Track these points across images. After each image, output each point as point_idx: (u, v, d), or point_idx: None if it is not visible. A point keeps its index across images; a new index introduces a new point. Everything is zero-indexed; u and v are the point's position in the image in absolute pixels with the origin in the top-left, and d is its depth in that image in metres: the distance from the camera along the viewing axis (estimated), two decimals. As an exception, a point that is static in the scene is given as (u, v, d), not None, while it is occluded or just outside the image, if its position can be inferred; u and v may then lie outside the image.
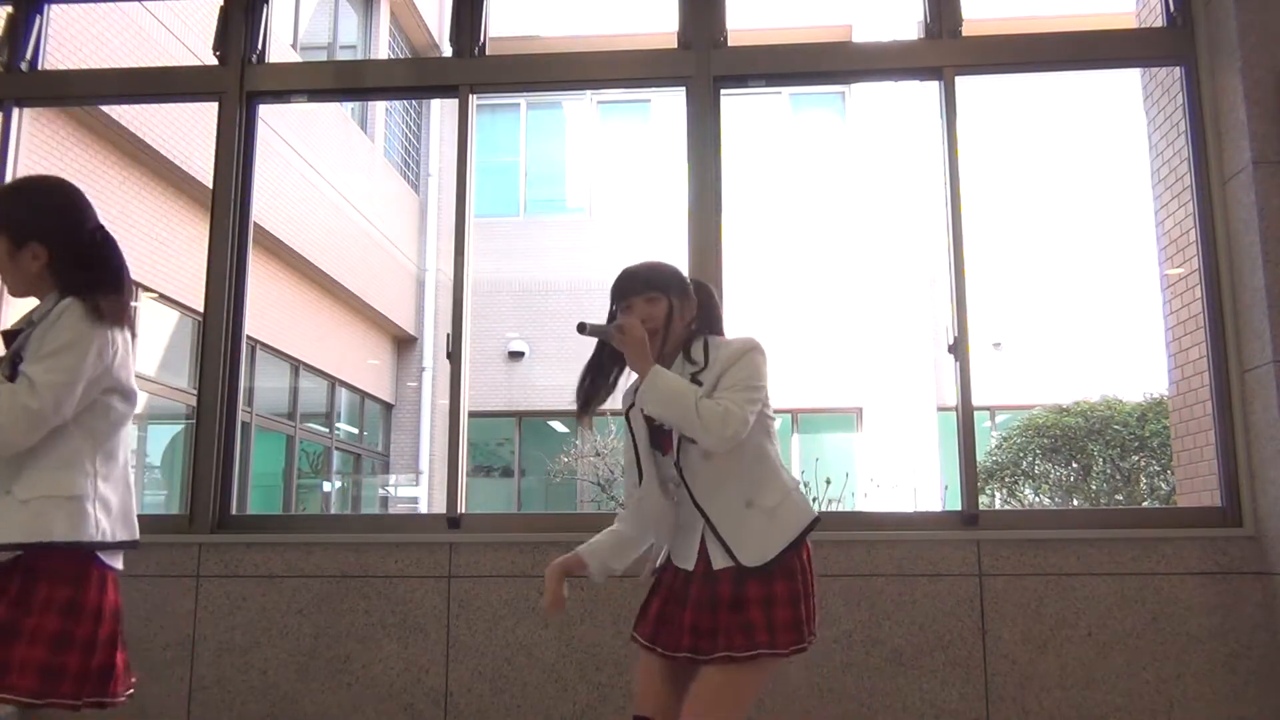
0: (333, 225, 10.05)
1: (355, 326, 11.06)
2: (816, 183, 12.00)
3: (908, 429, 11.05)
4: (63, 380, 1.87)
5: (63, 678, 1.85)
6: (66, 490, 1.92)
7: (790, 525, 2.11)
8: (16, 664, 1.81)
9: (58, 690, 1.84)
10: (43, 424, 1.86)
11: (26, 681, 1.81)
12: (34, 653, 1.83)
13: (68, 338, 1.89)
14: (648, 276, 2.19)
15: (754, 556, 2.06)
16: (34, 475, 1.90)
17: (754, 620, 2.02)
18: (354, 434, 11.60)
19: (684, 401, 2.01)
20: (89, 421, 1.96)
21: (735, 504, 2.10)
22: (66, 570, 1.90)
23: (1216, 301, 3.24)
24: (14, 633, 1.83)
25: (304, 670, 3.23)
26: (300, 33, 9.64)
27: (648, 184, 11.87)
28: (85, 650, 1.89)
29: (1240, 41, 3.14)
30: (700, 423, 2.00)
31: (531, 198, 12.57)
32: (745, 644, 2.00)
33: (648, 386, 2.04)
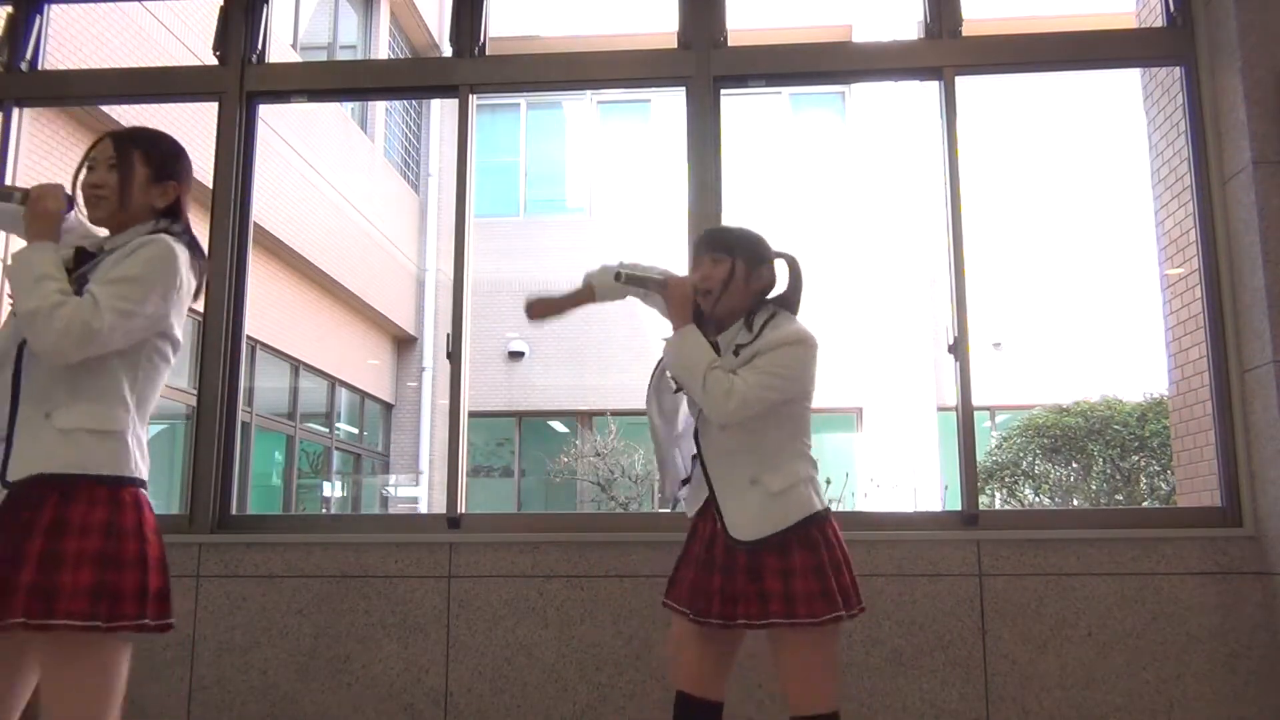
0: (333, 225, 10.05)
1: (355, 326, 11.06)
2: (816, 183, 12.00)
3: (908, 429, 11.05)
4: (126, 308, 1.88)
5: (119, 598, 1.82)
6: (108, 424, 1.92)
7: (790, 512, 2.10)
8: (67, 590, 1.78)
9: (118, 611, 1.81)
10: (97, 345, 1.86)
11: (79, 605, 1.77)
12: (81, 576, 1.80)
13: (143, 270, 1.91)
14: (718, 237, 2.23)
15: (745, 532, 2.07)
16: (75, 405, 1.90)
17: (770, 590, 2.02)
18: (354, 434, 11.60)
19: (697, 367, 2.05)
20: (135, 359, 1.97)
21: (740, 478, 2.11)
22: (99, 494, 1.88)
23: (1216, 301, 3.24)
24: (57, 559, 1.79)
25: (304, 670, 3.23)
26: (300, 33, 9.63)
27: (648, 184, 11.87)
28: (137, 568, 1.86)
29: (1240, 41, 3.14)
30: (704, 392, 2.04)
31: (531, 198, 12.56)
32: (759, 613, 2.01)
33: (673, 342, 2.10)
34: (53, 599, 1.76)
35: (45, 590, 1.77)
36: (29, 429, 1.88)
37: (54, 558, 1.80)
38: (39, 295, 1.83)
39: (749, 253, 2.21)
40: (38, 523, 1.82)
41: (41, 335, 1.82)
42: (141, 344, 1.97)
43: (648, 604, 3.16)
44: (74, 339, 1.82)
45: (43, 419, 1.88)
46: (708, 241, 2.24)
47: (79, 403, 1.90)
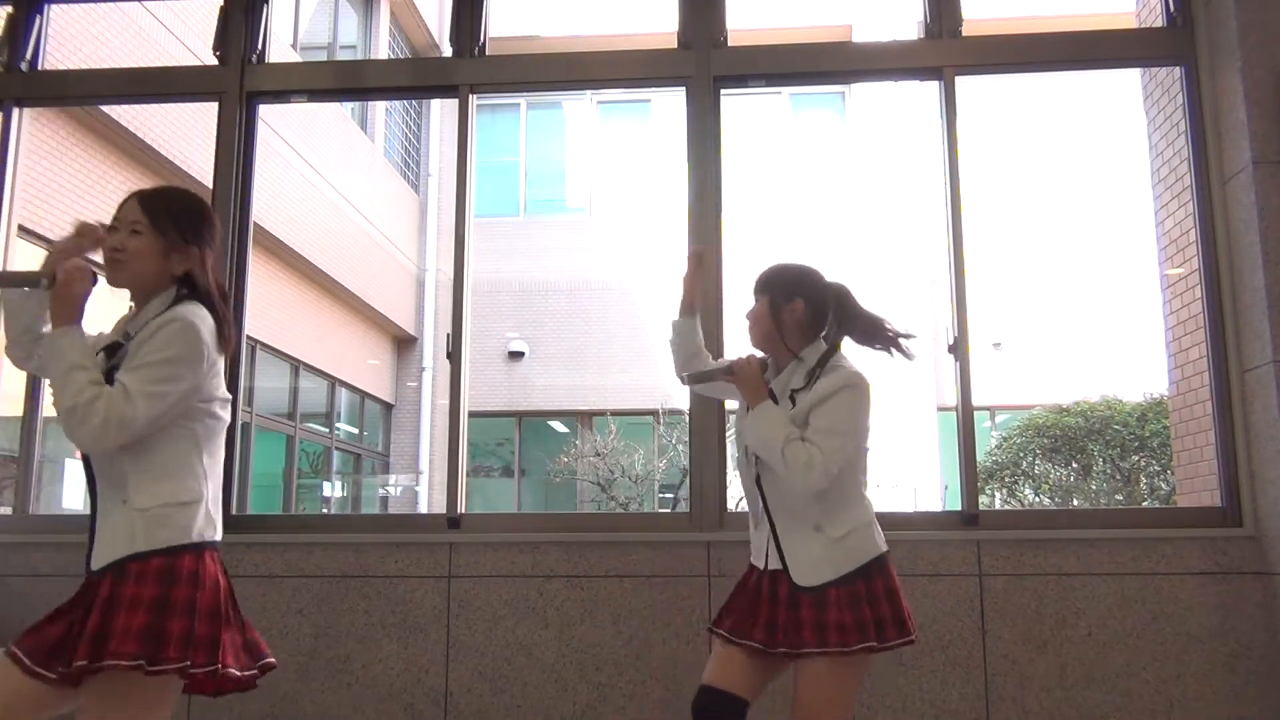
0: (333, 225, 10.05)
1: (355, 326, 11.06)
2: (816, 183, 12.00)
3: (908, 429, 11.05)
4: (158, 391, 1.88)
5: (165, 642, 1.83)
6: (184, 496, 1.95)
7: (853, 557, 2.16)
8: (118, 631, 1.81)
9: (162, 654, 1.82)
10: (133, 433, 1.87)
11: (129, 646, 1.80)
12: (134, 619, 1.83)
13: (168, 352, 1.90)
14: (760, 276, 2.36)
15: (808, 578, 2.14)
16: (149, 484, 1.92)
17: (804, 619, 2.10)
18: (354, 434, 11.60)
19: (774, 442, 2.11)
20: (192, 425, 1.98)
21: (805, 525, 2.19)
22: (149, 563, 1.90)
23: (1216, 301, 3.24)
24: (114, 603, 1.84)
25: (304, 670, 3.23)
26: (300, 33, 9.63)
27: (648, 184, 11.87)
28: (185, 614, 1.87)
29: (1240, 41, 3.14)
30: (786, 468, 2.10)
31: (531, 198, 12.56)
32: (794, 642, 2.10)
33: (753, 421, 2.17)
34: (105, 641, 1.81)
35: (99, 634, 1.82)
36: (108, 516, 1.93)
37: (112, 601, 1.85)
38: (73, 390, 1.85)
39: (780, 288, 2.30)
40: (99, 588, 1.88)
41: (79, 430, 1.85)
42: (190, 410, 1.97)
43: (648, 604, 3.16)
44: (111, 432, 1.85)
45: (120, 504, 1.92)
46: (758, 281, 2.37)
47: (153, 480, 1.93)
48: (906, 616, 2.18)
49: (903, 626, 2.16)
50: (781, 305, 2.29)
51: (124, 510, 1.91)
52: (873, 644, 2.09)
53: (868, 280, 11.70)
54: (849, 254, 11.57)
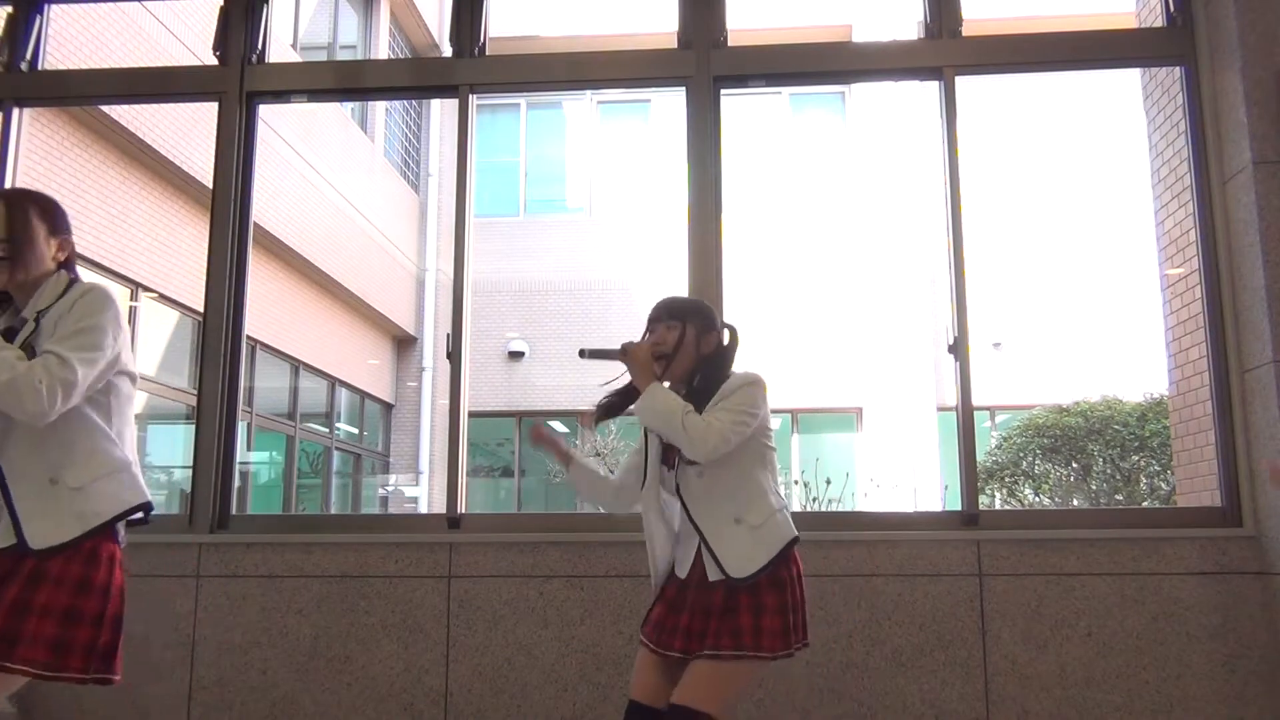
0: (333, 225, 10.05)
1: (355, 326, 11.06)
2: (816, 183, 12.00)
3: (908, 429, 11.05)
4: (91, 356, 1.96)
5: (71, 652, 1.89)
6: (112, 466, 2.02)
7: (773, 542, 2.26)
8: (28, 638, 1.85)
9: (67, 664, 1.89)
10: (74, 397, 1.93)
11: (37, 654, 1.85)
12: (45, 627, 1.87)
13: (95, 319, 1.98)
14: (672, 306, 2.43)
15: (740, 569, 2.23)
16: (77, 462, 1.98)
17: (743, 625, 2.20)
18: (354, 434, 11.59)
19: (673, 415, 2.20)
20: (102, 400, 2.04)
21: (725, 520, 2.27)
22: (81, 546, 1.96)
23: (1216, 301, 3.24)
24: (26, 608, 1.87)
25: (304, 670, 3.23)
26: (300, 33, 9.63)
27: (648, 184, 11.87)
28: (94, 626, 1.93)
29: (1240, 41, 3.14)
30: (685, 434, 2.18)
31: (531, 198, 12.56)
32: (732, 645, 2.18)
33: (644, 400, 2.26)
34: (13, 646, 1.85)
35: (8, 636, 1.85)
36: (36, 496, 1.94)
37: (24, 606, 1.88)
38: (5, 368, 1.87)
39: (699, 320, 2.40)
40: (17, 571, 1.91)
41: (24, 400, 1.87)
42: (104, 385, 2.03)
43: (647, 604, 3.15)
44: (57, 398, 1.89)
45: (48, 484, 1.95)
46: (663, 310, 2.42)
47: (79, 456, 1.99)
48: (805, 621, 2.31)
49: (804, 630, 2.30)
50: (700, 336, 2.39)
51: (56, 490, 1.95)
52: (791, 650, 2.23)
53: (868, 280, 11.78)
54: (849, 253, 11.58)
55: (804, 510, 7.31)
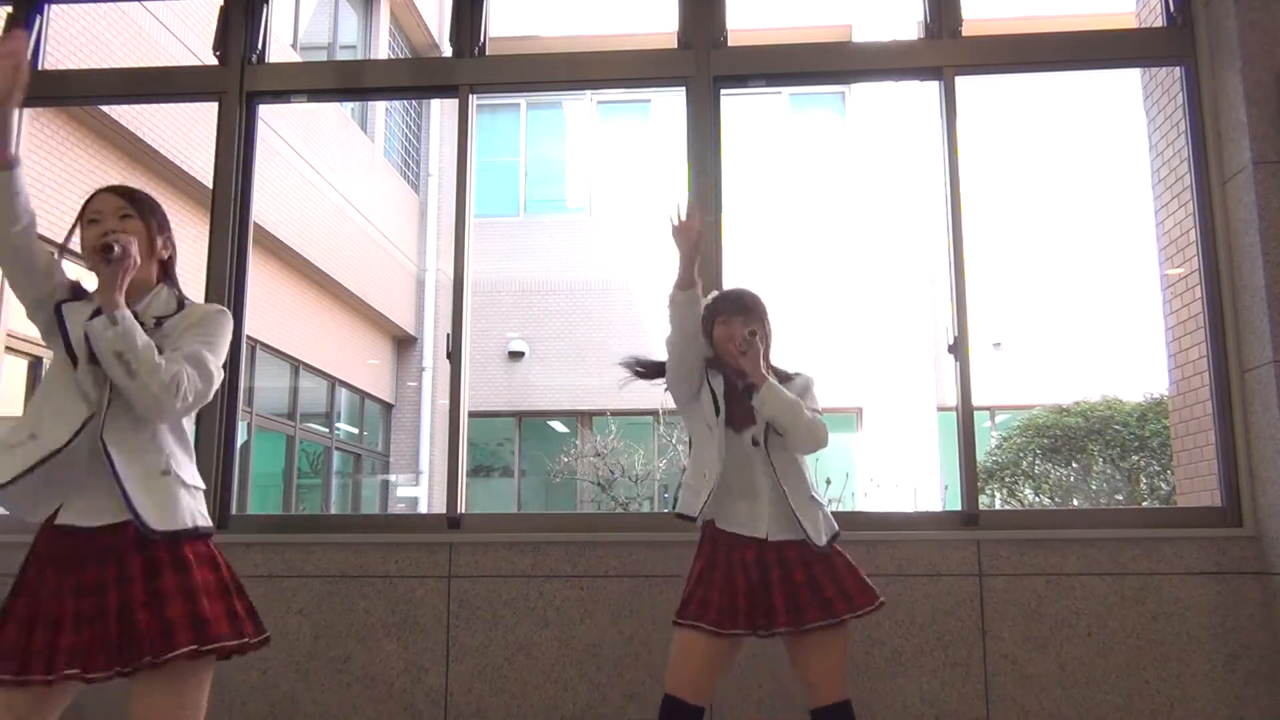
0: (333, 225, 10.05)
1: (355, 326, 11.06)
2: (816, 183, 12.00)
3: (908, 429, 11.05)
4: (218, 369, 2.05)
5: (239, 619, 1.99)
6: (201, 482, 2.11)
7: (831, 525, 2.51)
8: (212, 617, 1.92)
9: (244, 630, 1.98)
10: (199, 402, 2.02)
11: (222, 629, 1.93)
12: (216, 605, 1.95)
13: (219, 337, 2.08)
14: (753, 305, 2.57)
15: (820, 537, 2.44)
16: (189, 465, 2.06)
17: (829, 594, 2.38)
18: (354, 434, 11.59)
19: (800, 411, 2.43)
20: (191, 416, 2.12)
21: (806, 494, 2.50)
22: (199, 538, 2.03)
23: (1216, 301, 3.24)
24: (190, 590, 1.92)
25: (304, 670, 3.23)
26: (300, 33, 9.63)
27: (648, 184, 11.87)
28: (239, 593, 2.04)
29: (1240, 41, 3.14)
30: (808, 430, 2.43)
31: (531, 198, 12.56)
32: (820, 615, 2.35)
33: (768, 392, 2.43)
34: (204, 625, 1.91)
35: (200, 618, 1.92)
36: (151, 483, 1.96)
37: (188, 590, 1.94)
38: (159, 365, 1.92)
39: (767, 316, 2.60)
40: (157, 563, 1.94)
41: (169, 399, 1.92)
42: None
43: (648, 604, 3.16)
44: (192, 400, 1.97)
45: (160, 475, 1.97)
46: (742, 308, 2.55)
47: (189, 462, 2.06)
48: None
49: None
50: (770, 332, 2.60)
51: (169, 481, 1.98)
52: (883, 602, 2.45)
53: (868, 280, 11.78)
54: (849, 254, 11.58)
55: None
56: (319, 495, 10.85)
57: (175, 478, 1.99)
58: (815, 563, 2.42)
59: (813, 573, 2.41)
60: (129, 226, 2.05)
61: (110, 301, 1.91)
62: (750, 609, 2.37)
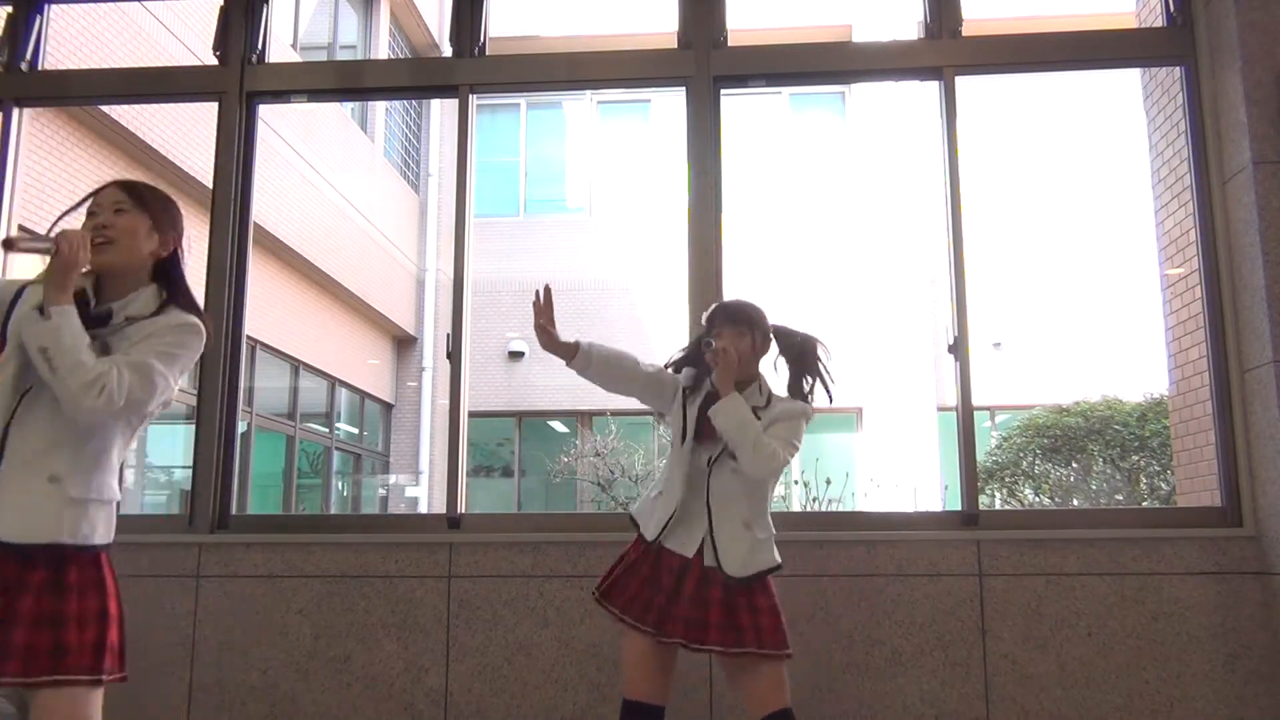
0: (333, 225, 10.04)
1: (355, 326, 11.06)
2: (816, 183, 11.99)
3: (908, 429, 11.04)
4: (164, 384, 1.98)
5: (110, 653, 1.92)
6: (110, 495, 2.01)
7: (767, 558, 2.43)
8: (74, 646, 1.86)
9: (107, 666, 1.90)
10: (136, 412, 1.96)
11: (85, 660, 1.86)
12: (87, 634, 1.88)
13: (181, 350, 2.01)
14: (739, 312, 2.53)
15: (737, 570, 2.36)
16: (84, 474, 1.96)
17: (743, 623, 2.33)
18: (354, 434, 11.59)
19: (750, 430, 2.34)
20: (133, 427, 2.05)
21: (737, 520, 2.41)
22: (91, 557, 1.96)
23: (1216, 301, 3.24)
24: (61, 618, 1.87)
25: (304, 670, 3.23)
26: (300, 33, 9.63)
27: (648, 184, 11.86)
28: (119, 625, 1.96)
29: (1240, 41, 3.14)
30: (754, 451, 2.32)
31: (531, 198, 12.56)
32: (735, 641, 2.32)
33: (726, 404, 2.36)
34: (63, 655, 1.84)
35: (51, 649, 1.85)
36: (27, 490, 1.90)
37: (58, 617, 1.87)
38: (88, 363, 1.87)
39: (762, 327, 2.54)
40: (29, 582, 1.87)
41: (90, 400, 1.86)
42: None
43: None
44: (123, 405, 1.90)
45: (45, 482, 1.91)
46: (729, 316, 2.52)
47: (89, 471, 1.96)
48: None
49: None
50: (762, 342, 2.55)
51: (53, 491, 1.91)
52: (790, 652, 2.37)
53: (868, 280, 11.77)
54: (849, 254, 11.58)
55: (804, 510, 7.32)
56: (319, 495, 10.85)
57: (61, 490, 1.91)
58: (736, 590, 2.36)
59: (732, 598, 2.36)
60: (121, 220, 2.02)
61: (49, 296, 1.89)
62: (662, 611, 2.37)
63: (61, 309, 1.88)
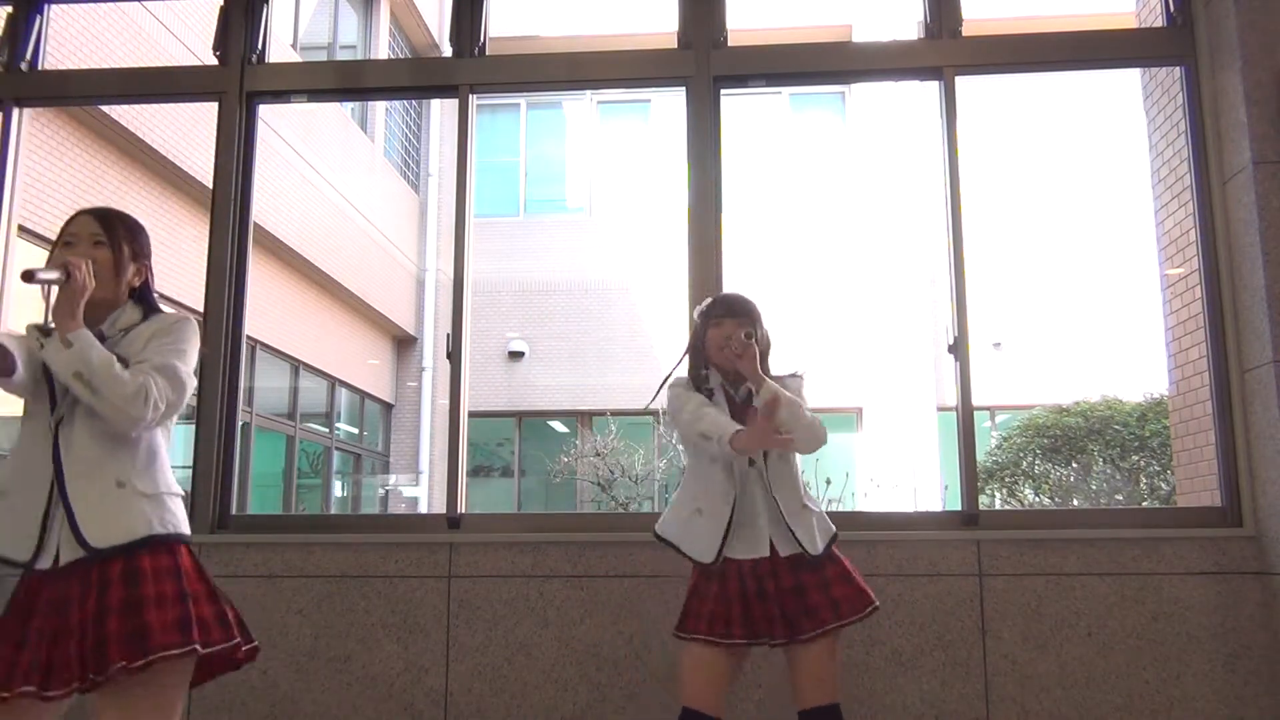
0: (333, 225, 10.05)
1: (355, 326, 11.06)
2: (816, 183, 11.99)
3: (908, 429, 11.05)
4: (189, 380, 2.04)
5: (204, 626, 1.94)
6: (176, 488, 2.08)
7: (830, 526, 2.51)
8: (156, 627, 1.88)
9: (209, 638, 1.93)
10: (171, 412, 2.01)
11: (171, 638, 1.88)
12: (165, 614, 1.91)
13: (188, 345, 2.07)
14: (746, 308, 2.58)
15: (815, 546, 2.43)
16: (147, 473, 2.01)
17: (817, 603, 2.37)
18: (354, 434, 11.59)
19: (800, 409, 2.43)
20: (167, 426, 2.10)
21: (798, 503, 2.47)
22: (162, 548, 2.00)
23: (1216, 301, 3.24)
24: (139, 602, 1.90)
25: (304, 670, 3.23)
26: (300, 33, 9.63)
27: (648, 184, 11.86)
28: (211, 600, 1.99)
29: (1240, 41, 3.14)
30: (811, 428, 2.43)
31: (531, 198, 12.56)
32: (811, 625, 2.35)
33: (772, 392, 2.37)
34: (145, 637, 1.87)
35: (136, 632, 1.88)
36: (100, 497, 1.94)
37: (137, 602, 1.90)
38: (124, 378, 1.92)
39: (759, 318, 2.60)
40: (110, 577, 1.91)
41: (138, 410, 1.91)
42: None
43: (647, 604, 3.16)
44: (164, 409, 1.96)
45: (115, 487, 1.96)
46: (732, 309, 2.56)
47: (152, 468, 2.03)
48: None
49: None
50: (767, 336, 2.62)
51: (125, 493, 1.96)
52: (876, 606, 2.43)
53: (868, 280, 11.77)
54: (849, 253, 11.58)
55: (804, 510, 7.30)
56: (319, 495, 10.85)
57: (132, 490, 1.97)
58: (804, 571, 2.40)
59: (801, 581, 2.39)
60: (99, 254, 2.05)
61: (64, 325, 1.92)
62: (746, 616, 2.37)
63: (79, 334, 1.93)
